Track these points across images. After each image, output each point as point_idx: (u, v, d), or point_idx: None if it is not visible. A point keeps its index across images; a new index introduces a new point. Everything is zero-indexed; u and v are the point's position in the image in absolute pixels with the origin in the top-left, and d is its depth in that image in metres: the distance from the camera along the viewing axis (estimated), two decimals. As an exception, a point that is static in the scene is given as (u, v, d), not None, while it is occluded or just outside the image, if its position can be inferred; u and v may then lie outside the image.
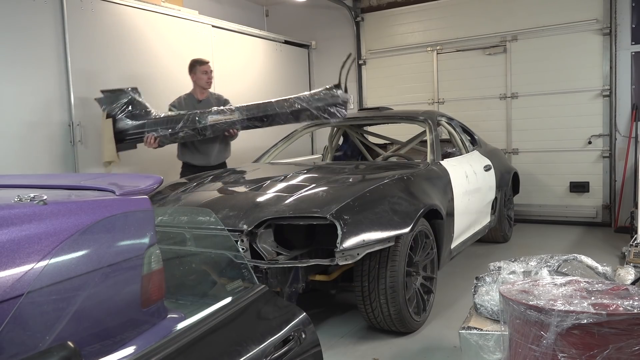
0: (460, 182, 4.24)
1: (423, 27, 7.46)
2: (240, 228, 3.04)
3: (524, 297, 1.91)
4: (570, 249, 5.30)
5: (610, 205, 6.47)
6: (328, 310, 3.99)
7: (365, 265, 3.24)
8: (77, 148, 4.54)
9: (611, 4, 6.23)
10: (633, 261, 4.08)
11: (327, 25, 8.07)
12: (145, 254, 1.53)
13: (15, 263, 1.21)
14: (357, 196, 3.21)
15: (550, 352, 1.79)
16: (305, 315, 1.61)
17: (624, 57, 6.23)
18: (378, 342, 3.38)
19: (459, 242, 4.26)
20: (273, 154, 5.07)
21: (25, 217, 1.28)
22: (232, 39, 6.52)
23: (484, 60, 7.07)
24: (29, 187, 1.74)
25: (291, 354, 1.46)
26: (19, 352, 1.16)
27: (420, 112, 4.89)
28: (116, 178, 2.15)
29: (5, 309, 1.15)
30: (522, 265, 2.72)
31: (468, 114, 6.94)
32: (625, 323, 1.71)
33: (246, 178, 4.01)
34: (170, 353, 1.21)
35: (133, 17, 5.09)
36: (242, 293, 1.59)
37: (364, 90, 7.99)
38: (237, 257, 2.08)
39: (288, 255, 3.13)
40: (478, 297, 2.69)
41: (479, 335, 2.48)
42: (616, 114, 6.32)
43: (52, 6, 4.40)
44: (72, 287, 1.34)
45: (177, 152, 4.92)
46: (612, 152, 6.40)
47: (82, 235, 1.36)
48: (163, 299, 1.61)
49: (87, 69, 4.66)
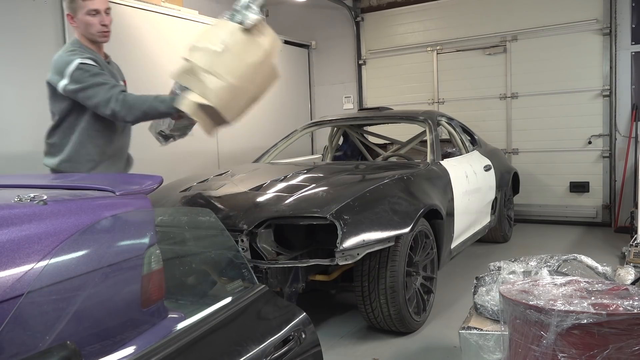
0: (460, 182, 4.24)
1: (423, 27, 7.46)
2: (240, 228, 3.04)
3: (524, 297, 1.91)
4: (570, 249, 5.30)
5: (610, 205, 6.47)
6: (328, 310, 3.99)
7: (365, 265, 3.24)
8: (77, 148, 4.54)
9: (611, 4, 6.23)
10: (633, 261, 4.08)
11: (327, 25, 8.07)
12: (145, 254, 1.53)
13: (15, 263, 1.21)
14: (357, 196, 3.21)
15: (550, 352, 1.79)
16: (305, 315, 1.61)
17: (624, 57, 6.24)
18: (378, 342, 3.38)
19: (459, 242, 4.26)
20: (273, 154, 5.07)
21: (25, 217, 1.28)
22: (232, 39, 6.51)
23: (484, 60, 7.07)
24: (29, 187, 1.74)
25: (291, 354, 1.46)
26: (19, 352, 1.15)
27: (420, 112, 4.89)
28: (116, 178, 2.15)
29: (5, 309, 1.15)
30: (522, 265, 2.72)
31: (468, 114, 6.94)
32: (625, 323, 1.70)
33: (246, 178, 4.01)
34: (170, 353, 1.21)
35: (133, 17, 5.09)
36: (242, 293, 1.60)
37: (364, 90, 7.99)
38: (237, 257, 2.08)
39: (288, 255, 3.13)
40: (478, 297, 2.68)
41: (479, 335, 2.48)
42: (616, 114, 6.32)
43: (52, 6, 4.39)
44: (72, 287, 1.34)
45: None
46: (612, 152, 6.40)
47: (82, 235, 1.36)
48: (163, 299, 1.61)
49: (87, 69, 4.66)
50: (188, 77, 2.79)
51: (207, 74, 2.74)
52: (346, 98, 8.09)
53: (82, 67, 2.79)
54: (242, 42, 2.84)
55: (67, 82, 2.80)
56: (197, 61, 2.77)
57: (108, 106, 2.78)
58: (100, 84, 2.80)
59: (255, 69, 2.92)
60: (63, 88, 2.81)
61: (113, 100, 2.77)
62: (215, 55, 2.77)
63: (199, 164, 5.64)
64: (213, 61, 2.77)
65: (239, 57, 2.85)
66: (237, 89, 2.84)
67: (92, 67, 2.84)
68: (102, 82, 2.81)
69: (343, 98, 8.11)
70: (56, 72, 2.84)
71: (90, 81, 2.79)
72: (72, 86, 2.79)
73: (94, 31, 2.92)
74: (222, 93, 2.78)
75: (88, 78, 2.79)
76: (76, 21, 2.91)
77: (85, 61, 2.82)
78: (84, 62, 2.81)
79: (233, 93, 2.84)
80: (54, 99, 2.92)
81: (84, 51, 2.89)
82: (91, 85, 2.79)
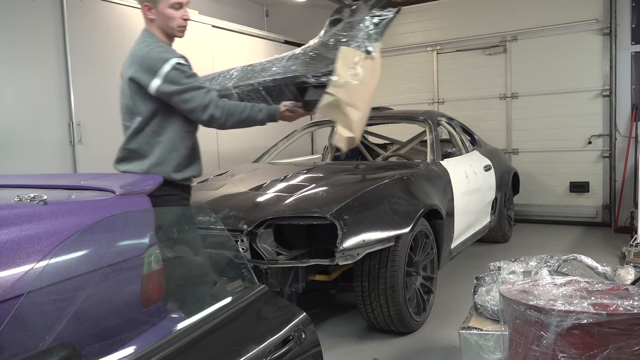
0: (460, 182, 4.24)
1: (423, 27, 7.46)
2: (240, 228, 3.04)
3: (524, 297, 1.91)
4: (570, 249, 5.30)
5: (610, 205, 6.47)
6: (328, 310, 3.99)
7: (365, 265, 3.24)
8: (77, 148, 4.54)
9: (611, 4, 6.23)
10: (633, 261, 4.08)
11: (327, 25, 8.06)
12: (145, 254, 1.53)
13: (15, 263, 1.21)
14: (357, 196, 3.21)
15: (550, 352, 1.79)
16: (305, 315, 1.61)
17: (624, 57, 6.24)
18: (378, 342, 3.38)
19: (459, 242, 4.26)
20: (273, 154, 5.07)
21: (25, 217, 1.28)
22: (232, 39, 6.52)
23: (484, 60, 7.07)
24: (29, 187, 1.74)
25: (291, 354, 1.46)
26: (19, 352, 1.15)
27: (420, 112, 4.89)
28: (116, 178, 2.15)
29: (5, 309, 1.15)
30: (522, 265, 2.72)
31: (468, 114, 6.94)
32: (625, 323, 1.70)
33: (246, 178, 4.01)
34: (170, 353, 1.21)
35: (133, 17, 5.09)
36: (242, 293, 1.59)
37: (364, 90, 7.98)
38: (237, 257, 2.08)
39: (288, 255, 3.13)
40: (478, 297, 2.69)
41: (479, 335, 2.48)
42: (616, 114, 6.32)
43: (52, 6, 4.39)
44: (72, 287, 1.34)
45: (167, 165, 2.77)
46: (612, 152, 6.40)
47: (82, 235, 1.36)
48: (163, 299, 1.62)
49: (87, 68, 4.66)
50: (333, 111, 2.87)
51: (349, 107, 2.86)
52: (346, 98, 8.08)
53: (178, 68, 2.56)
54: (369, 70, 2.95)
55: (160, 82, 2.53)
56: (341, 96, 2.82)
57: (206, 112, 2.59)
58: (197, 88, 2.59)
59: (372, 89, 3.08)
60: (156, 89, 2.54)
61: (212, 105, 2.60)
62: (354, 88, 2.86)
63: (199, 164, 5.63)
64: (352, 94, 2.85)
65: (368, 85, 2.98)
66: (366, 112, 3.04)
67: (187, 67, 2.64)
68: (199, 86, 2.61)
69: (343, 98, 8.10)
70: (146, 69, 2.55)
71: (186, 83, 2.57)
72: (167, 88, 2.54)
73: (174, 25, 2.68)
74: (360, 123, 2.97)
75: (184, 80, 2.57)
76: (154, 13, 2.64)
77: (181, 61, 2.61)
78: (180, 62, 2.59)
79: (364, 118, 3.03)
80: (139, 98, 2.62)
81: (168, 48, 2.67)
82: (188, 88, 2.57)
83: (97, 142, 4.68)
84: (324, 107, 2.87)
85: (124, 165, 2.72)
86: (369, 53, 2.93)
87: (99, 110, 4.70)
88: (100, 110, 4.74)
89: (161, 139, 2.65)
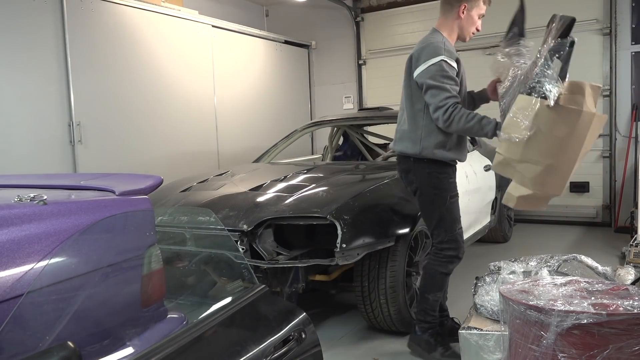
0: (460, 182, 4.22)
1: (423, 27, 7.44)
2: (240, 228, 3.04)
3: (524, 297, 1.91)
4: (570, 249, 5.29)
5: (610, 205, 6.47)
6: (328, 310, 3.99)
7: (365, 265, 3.24)
8: (77, 148, 4.54)
9: (611, 4, 6.22)
10: (633, 261, 4.08)
11: (327, 25, 8.07)
12: (145, 254, 1.53)
13: (15, 263, 1.21)
14: (357, 196, 3.21)
15: (550, 352, 1.79)
16: (305, 315, 1.61)
17: (624, 57, 6.23)
18: (378, 342, 3.37)
19: (459, 242, 4.25)
20: (273, 154, 5.07)
21: (25, 217, 1.28)
22: (232, 39, 6.52)
23: (484, 60, 7.05)
24: (29, 187, 1.74)
25: (291, 354, 1.45)
26: (19, 352, 1.15)
27: (420, 112, 4.88)
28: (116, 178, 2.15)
29: (5, 309, 1.15)
30: (522, 265, 2.72)
31: (468, 114, 6.92)
32: (625, 323, 1.71)
33: (246, 178, 4.01)
34: (170, 353, 1.21)
35: (133, 17, 5.09)
36: (242, 293, 1.59)
37: (364, 90, 7.98)
38: (237, 257, 2.08)
39: (288, 255, 3.13)
40: (478, 297, 2.69)
41: (479, 335, 2.48)
42: (616, 114, 6.31)
43: (52, 6, 4.40)
44: (72, 287, 1.34)
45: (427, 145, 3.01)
46: (612, 152, 6.40)
47: (82, 235, 1.36)
48: (163, 299, 1.61)
49: (87, 69, 4.66)
50: (505, 169, 2.75)
51: (521, 163, 2.63)
52: (346, 98, 8.09)
53: (441, 65, 2.81)
54: (551, 118, 2.53)
55: (421, 70, 2.85)
56: (508, 154, 2.67)
57: (436, 112, 2.80)
58: (443, 89, 2.79)
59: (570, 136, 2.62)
60: (416, 74, 2.89)
61: (442, 109, 2.78)
62: (525, 142, 2.57)
63: (199, 164, 5.65)
64: (523, 149, 2.60)
65: (551, 134, 2.57)
66: (556, 164, 2.65)
67: (451, 69, 2.85)
68: (446, 89, 2.80)
69: (343, 98, 8.11)
70: (423, 55, 2.88)
71: (438, 81, 2.80)
72: (422, 78, 2.84)
73: (471, 31, 3.14)
74: (540, 178, 2.64)
75: (438, 77, 2.80)
76: (465, 15, 3.03)
77: (448, 61, 2.84)
78: (446, 61, 2.83)
79: (554, 171, 2.66)
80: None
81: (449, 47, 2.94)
82: (436, 86, 2.79)
83: (97, 142, 4.69)
84: (496, 167, 2.79)
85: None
86: (545, 99, 2.49)
87: (99, 110, 4.71)
88: (100, 110, 4.75)
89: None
